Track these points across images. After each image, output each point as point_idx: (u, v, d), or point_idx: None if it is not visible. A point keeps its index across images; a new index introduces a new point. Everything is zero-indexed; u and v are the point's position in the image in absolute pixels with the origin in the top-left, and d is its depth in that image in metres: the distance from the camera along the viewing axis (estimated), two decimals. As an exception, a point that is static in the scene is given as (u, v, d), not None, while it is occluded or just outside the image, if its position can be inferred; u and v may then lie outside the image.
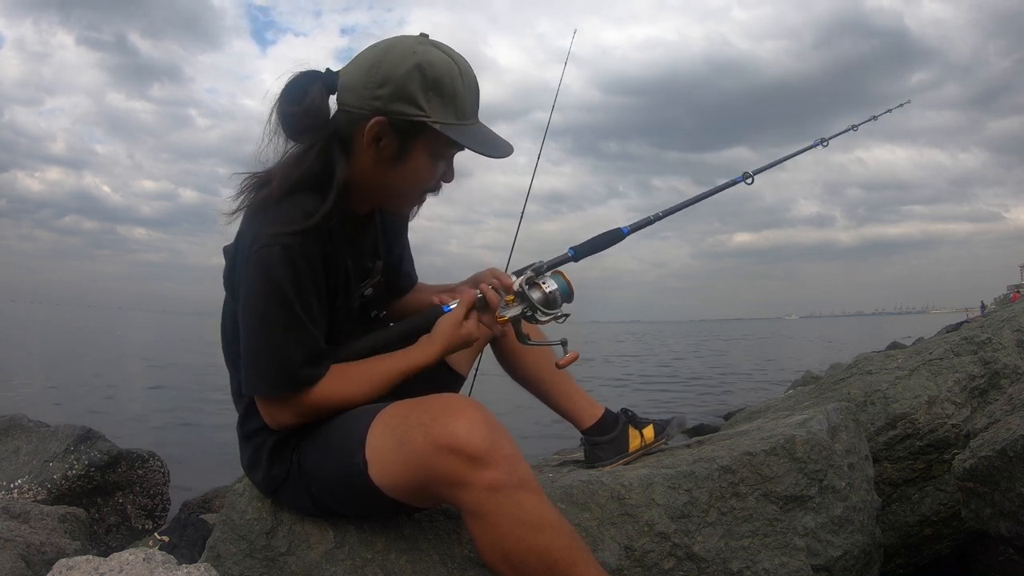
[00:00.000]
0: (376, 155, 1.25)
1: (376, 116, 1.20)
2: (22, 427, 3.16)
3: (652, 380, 13.49)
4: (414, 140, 1.23)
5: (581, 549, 1.14)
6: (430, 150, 1.25)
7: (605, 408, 1.70)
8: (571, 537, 1.14)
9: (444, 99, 1.20)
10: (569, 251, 1.51)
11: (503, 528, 1.10)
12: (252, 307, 1.23)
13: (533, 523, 1.10)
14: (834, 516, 1.45)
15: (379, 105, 1.20)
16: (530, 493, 1.11)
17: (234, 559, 1.39)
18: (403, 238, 1.61)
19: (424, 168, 1.28)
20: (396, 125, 1.21)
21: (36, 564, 1.77)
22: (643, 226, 1.58)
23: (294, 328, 1.21)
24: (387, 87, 1.19)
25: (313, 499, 1.33)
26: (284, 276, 1.19)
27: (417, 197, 1.37)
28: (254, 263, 1.20)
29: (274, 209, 1.22)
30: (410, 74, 1.19)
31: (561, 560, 1.11)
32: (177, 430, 7.10)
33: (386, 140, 1.23)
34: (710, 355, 23.88)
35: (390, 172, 1.27)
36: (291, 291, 1.20)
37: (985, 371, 2.00)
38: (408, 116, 1.20)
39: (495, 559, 1.12)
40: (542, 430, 5.44)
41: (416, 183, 1.31)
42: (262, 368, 1.24)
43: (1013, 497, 1.32)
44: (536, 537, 1.10)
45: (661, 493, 1.40)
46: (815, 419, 1.55)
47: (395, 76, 1.19)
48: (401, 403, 1.23)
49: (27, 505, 2.34)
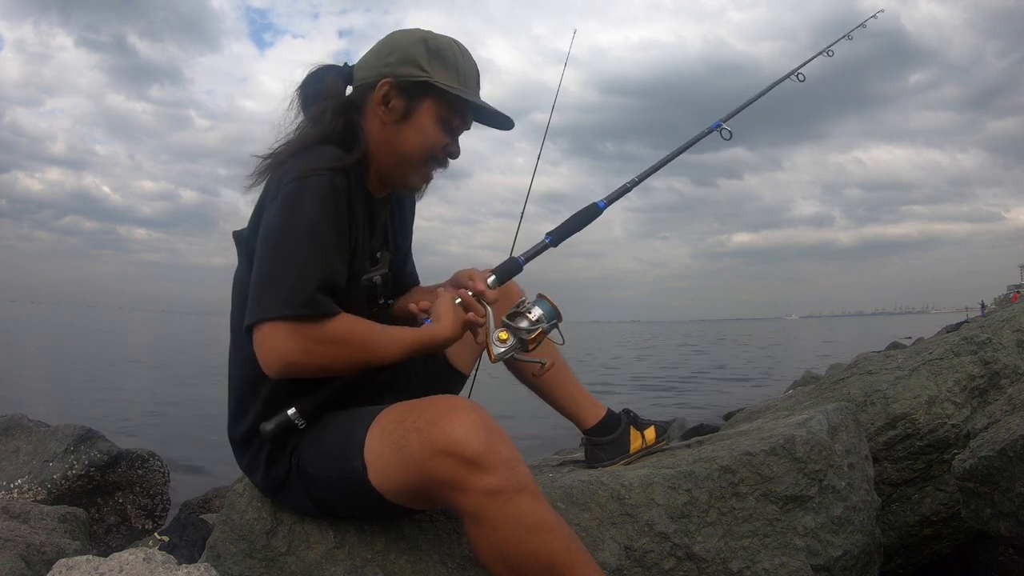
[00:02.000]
0: (385, 116, 1.33)
1: (384, 79, 1.31)
2: (22, 427, 3.16)
3: (652, 380, 13.49)
4: (420, 100, 1.32)
5: (580, 552, 1.14)
6: (434, 112, 1.34)
7: (607, 408, 1.70)
8: (570, 540, 1.14)
9: (447, 66, 1.32)
10: (546, 238, 1.47)
11: (502, 532, 1.09)
12: (272, 230, 1.21)
13: (532, 526, 1.10)
14: (834, 516, 1.45)
15: (387, 70, 1.32)
16: (529, 496, 1.10)
17: (234, 559, 1.39)
18: (409, 238, 1.63)
19: (429, 129, 1.34)
20: (402, 85, 1.31)
21: (36, 564, 1.77)
22: (619, 196, 1.54)
23: (315, 251, 1.19)
24: (395, 55, 1.32)
25: (313, 500, 1.32)
26: (312, 202, 1.20)
27: (423, 164, 1.37)
28: (284, 195, 1.20)
29: (301, 154, 1.26)
30: (415, 44, 1.32)
31: (560, 563, 1.11)
32: (177, 430, 7.10)
33: (394, 100, 1.32)
34: (710, 355, 23.88)
35: (399, 134, 1.34)
36: (317, 217, 1.19)
37: (985, 371, 2.00)
38: (413, 77, 1.30)
39: (494, 562, 1.12)
40: (542, 429, 5.44)
41: (422, 145, 1.35)
42: (275, 287, 1.17)
43: (1013, 497, 1.32)
44: (535, 540, 1.09)
45: (661, 493, 1.40)
46: (815, 419, 1.55)
47: (402, 45, 1.33)
48: (399, 406, 1.23)
49: (27, 505, 2.34)
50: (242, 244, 1.33)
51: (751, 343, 33.18)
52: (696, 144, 1.66)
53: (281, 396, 1.28)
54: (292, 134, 1.35)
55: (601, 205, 1.51)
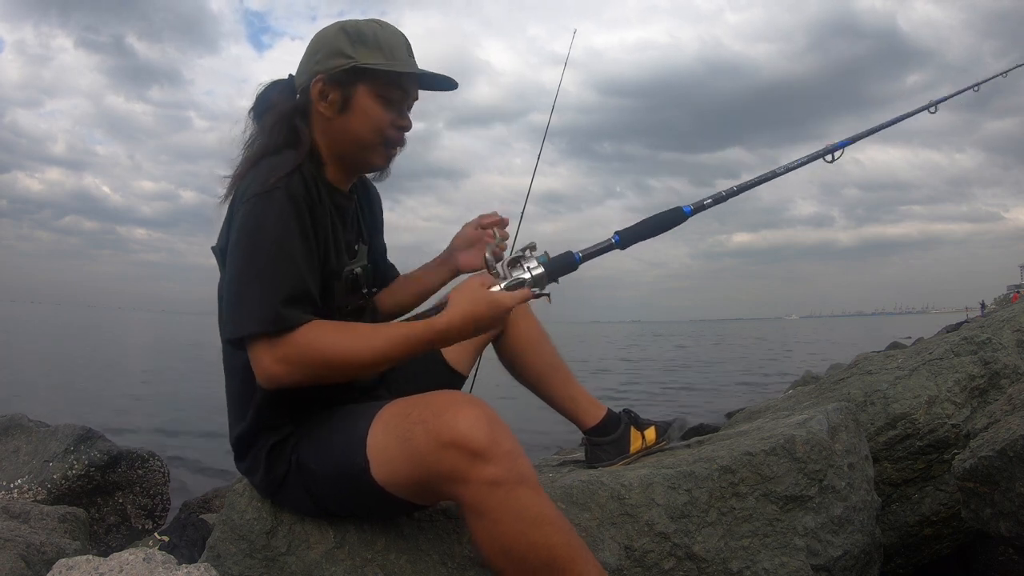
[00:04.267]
0: (327, 111, 1.35)
1: (315, 77, 1.33)
2: (22, 427, 3.16)
3: (652, 380, 13.49)
4: (353, 86, 1.34)
5: (580, 547, 1.15)
6: (371, 92, 1.34)
7: (607, 409, 1.70)
8: (570, 534, 1.14)
9: (369, 46, 1.33)
10: (613, 237, 1.38)
11: (503, 524, 1.10)
12: (236, 248, 1.23)
13: (533, 519, 1.10)
14: (834, 516, 1.45)
15: (318, 68, 1.34)
16: (530, 489, 1.11)
17: (234, 559, 1.39)
18: (381, 230, 1.65)
19: (372, 109, 1.35)
20: (333, 78, 1.33)
21: (36, 564, 1.77)
22: (712, 205, 1.42)
23: (280, 265, 1.20)
24: (320, 51, 1.35)
25: (313, 498, 1.33)
26: (270, 216, 1.21)
27: (381, 144, 1.38)
28: (244, 213, 1.23)
29: (259, 166, 1.29)
30: (336, 35, 1.34)
31: (560, 557, 1.11)
32: (177, 430, 7.10)
33: (331, 94, 1.34)
34: (710, 355, 23.88)
35: (345, 123, 1.36)
36: (277, 230, 1.21)
37: (985, 371, 2.00)
38: (340, 67, 1.32)
39: (495, 555, 1.12)
40: (542, 429, 5.44)
41: (371, 126, 1.36)
42: (242, 305, 1.20)
43: (1013, 497, 1.32)
44: (536, 533, 1.10)
45: (661, 493, 1.40)
46: (815, 419, 1.55)
47: (325, 40, 1.35)
48: (401, 401, 1.23)
49: (27, 505, 2.34)
50: (219, 256, 1.35)
51: (751, 343, 33.17)
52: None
53: (274, 399, 1.28)
54: (242, 149, 1.38)
55: (687, 211, 1.41)
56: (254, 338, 1.19)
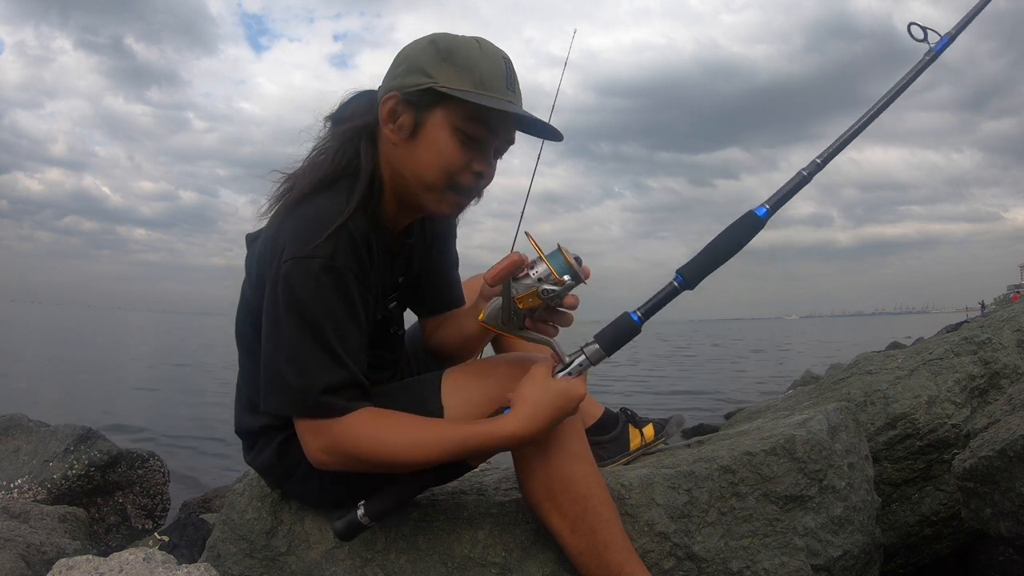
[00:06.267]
0: (394, 135, 1.19)
1: (389, 93, 1.18)
2: (22, 427, 3.16)
3: (652, 380, 13.49)
4: (428, 112, 1.16)
5: (608, 498, 1.27)
6: (447, 122, 1.16)
7: (605, 407, 1.70)
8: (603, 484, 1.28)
9: (457, 67, 1.13)
10: (676, 278, 1.17)
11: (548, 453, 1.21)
12: (272, 318, 1.14)
13: (577, 454, 1.23)
14: (834, 516, 1.45)
15: (395, 83, 1.18)
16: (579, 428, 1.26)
17: (234, 559, 1.39)
18: (435, 253, 1.48)
19: (443, 142, 1.16)
20: (408, 97, 1.16)
21: (36, 564, 1.77)
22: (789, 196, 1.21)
23: (318, 351, 1.11)
24: (403, 65, 1.18)
25: (324, 488, 1.31)
26: (308, 289, 1.11)
27: (447, 188, 1.20)
28: (282, 277, 1.12)
29: (298, 212, 1.17)
30: (425, 49, 1.17)
31: (592, 495, 1.23)
32: (177, 429, 7.10)
33: (402, 115, 1.17)
34: (710, 355, 23.89)
35: (411, 154, 1.19)
36: (318, 309, 1.11)
37: (985, 371, 1.99)
38: (418, 86, 1.15)
39: (536, 489, 1.23)
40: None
41: (439, 164, 1.17)
42: (283, 385, 1.13)
43: (1013, 497, 1.32)
44: (578, 467, 1.23)
45: (661, 493, 1.40)
46: (815, 419, 1.55)
47: (411, 54, 1.18)
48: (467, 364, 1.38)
49: (27, 505, 2.34)
50: (247, 264, 1.30)
51: (751, 343, 33.17)
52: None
53: None
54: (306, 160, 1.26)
55: (761, 213, 1.17)
56: (297, 418, 1.16)
